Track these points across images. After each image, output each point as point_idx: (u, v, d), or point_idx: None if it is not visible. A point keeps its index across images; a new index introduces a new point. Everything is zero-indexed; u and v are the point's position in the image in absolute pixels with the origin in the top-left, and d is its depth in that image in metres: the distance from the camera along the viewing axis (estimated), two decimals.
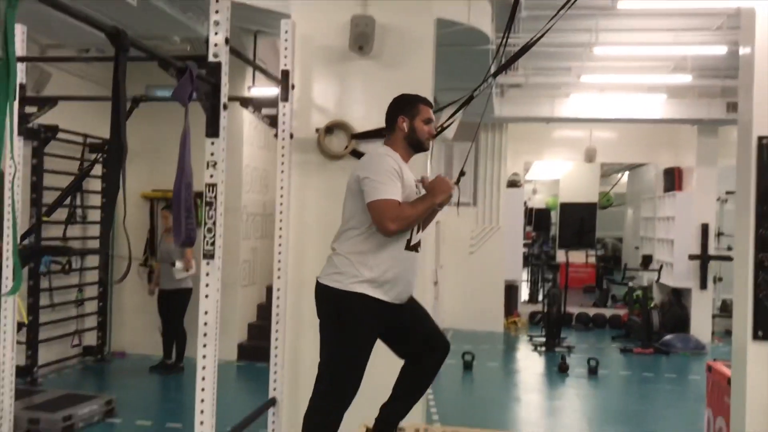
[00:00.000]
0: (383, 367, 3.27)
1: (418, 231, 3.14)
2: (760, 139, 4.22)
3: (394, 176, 2.99)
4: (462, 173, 5.30)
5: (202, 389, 3.52)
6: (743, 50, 4.49)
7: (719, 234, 11.42)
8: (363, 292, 2.98)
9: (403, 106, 3.21)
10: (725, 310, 11.79)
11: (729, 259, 8.93)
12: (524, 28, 7.31)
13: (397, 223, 2.92)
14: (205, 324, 3.54)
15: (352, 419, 3.61)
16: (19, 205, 5.19)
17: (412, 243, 3.09)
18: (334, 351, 3.05)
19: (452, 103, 4.85)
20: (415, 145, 3.18)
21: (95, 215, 7.86)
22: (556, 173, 16.06)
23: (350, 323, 3.01)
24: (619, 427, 6.03)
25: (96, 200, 7.87)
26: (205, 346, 3.54)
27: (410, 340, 3.22)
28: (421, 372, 3.21)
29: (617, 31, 7.74)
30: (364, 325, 3.02)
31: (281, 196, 4.85)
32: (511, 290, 11.60)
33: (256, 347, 8.01)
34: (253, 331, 8.53)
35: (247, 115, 8.16)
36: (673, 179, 11.26)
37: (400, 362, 3.29)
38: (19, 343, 5.51)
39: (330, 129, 4.89)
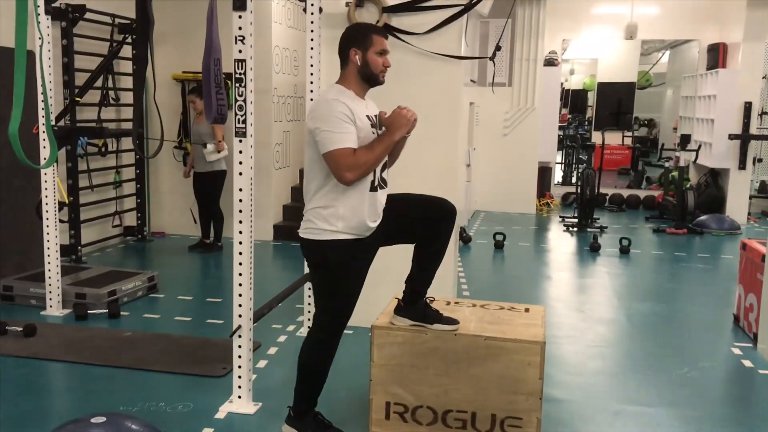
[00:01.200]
0: (410, 246, 3.30)
1: (380, 170, 3.10)
2: None
3: (346, 121, 2.90)
4: (498, 48, 5.17)
5: (240, 263, 3.62)
6: None
7: (762, 113, 11.07)
8: (341, 239, 3.03)
9: (355, 37, 3.05)
10: (763, 191, 11.63)
11: None
12: None
13: (353, 171, 2.89)
14: (240, 201, 3.59)
15: (383, 299, 3.70)
16: (52, 86, 5.19)
17: (375, 183, 3.07)
18: (329, 295, 3.16)
19: None
20: (368, 79, 3.05)
21: (128, 97, 7.86)
22: (594, 52, 15.51)
23: (338, 268, 3.08)
24: (649, 303, 6.10)
25: (128, 82, 7.84)
26: (240, 222, 3.60)
27: (410, 229, 3.25)
28: (435, 240, 3.24)
29: None
30: (352, 267, 3.11)
31: (311, 74, 4.77)
32: (545, 172, 11.51)
33: (291, 227, 8.15)
34: (287, 213, 8.67)
35: None
36: (717, 56, 10.81)
37: None
38: (61, 221, 5.68)
39: (361, 2, 4.75)
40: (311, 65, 4.77)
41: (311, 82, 4.78)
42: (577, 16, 11.52)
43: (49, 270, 5.36)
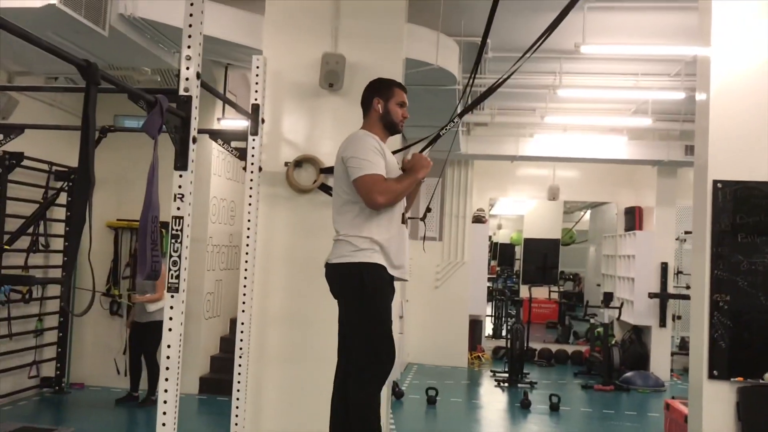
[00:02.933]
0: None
1: (407, 209, 3.33)
2: (715, 182, 4.39)
3: (377, 153, 3.13)
4: (428, 209, 5.38)
5: (163, 424, 3.48)
6: (699, 96, 4.68)
7: (678, 273, 11.66)
8: (379, 263, 3.09)
9: (379, 88, 3.37)
10: (684, 347, 11.98)
11: (687, 297, 9.13)
12: (490, 69, 7.51)
13: (384, 196, 3.05)
14: (168, 357, 3.52)
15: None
16: None
17: (404, 219, 3.26)
18: (366, 323, 3.10)
19: (420, 141, 4.93)
20: (389, 127, 3.34)
21: (58, 244, 7.75)
22: (520, 209, 16.28)
23: (374, 291, 3.09)
24: None
25: (60, 228, 7.77)
26: (167, 380, 3.51)
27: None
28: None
29: (580, 75, 7.98)
30: (385, 293, 3.14)
31: (248, 228, 4.86)
32: (476, 325, 11.66)
33: (218, 380, 7.91)
34: (215, 364, 8.43)
35: (215, 146, 8.18)
36: (633, 218, 11.50)
37: None
38: None
39: (299, 163, 4.95)
40: (248, 219, 4.87)
41: (248, 236, 4.86)
42: (503, 178, 12.19)
43: None
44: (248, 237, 4.87)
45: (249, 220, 4.87)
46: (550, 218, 15.72)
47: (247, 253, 4.85)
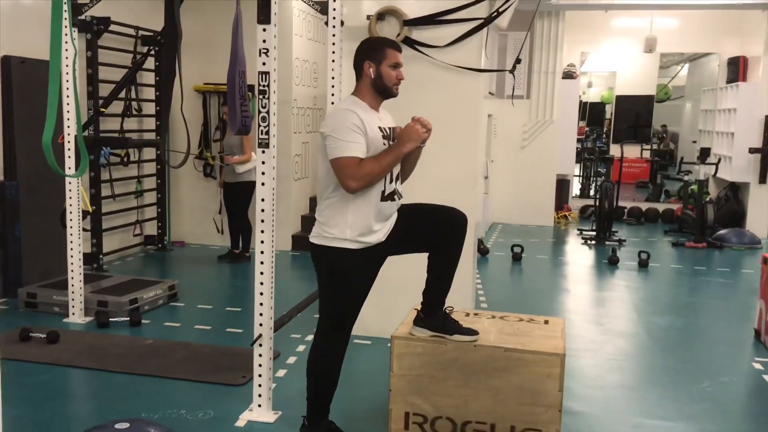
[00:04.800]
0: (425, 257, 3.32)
1: (393, 181, 3.14)
2: None
3: (356, 131, 2.95)
4: (518, 61, 5.19)
5: (261, 272, 3.66)
6: None
7: None
8: (348, 248, 3.06)
9: (369, 50, 3.12)
10: None
11: None
12: None
13: (357, 181, 2.94)
14: (262, 211, 3.63)
15: (401, 310, 3.73)
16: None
17: (387, 193, 3.10)
18: (332, 301, 3.19)
19: None
20: (382, 92, 3.11)
21: (150, 108, 7.98)
22: (613, 65, 15.49)
23: (342, 276, 3.12)
24: (668, 317, 6.07)
25: (150, 93, 7.96)
26: (262, 232, 3.64)
27: (422, 238, 3.27)
28: (447, 253, 3.26)
29: None
30: (356, 276, 3.14)
31: (332, 86, 4.82)
32: (563, 185, 11.49)
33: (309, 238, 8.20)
34: (306, 223, 8.72)
35: (295, 5, 8.03)
36: (737, 69, 10.76)
37: None
38: (84, 230, 5.76)
39: (381, 16, 4.80)
40: (332, 77, 4.82)
41: (332, 95, 4.83)
42: (596, 29, 11.54)
43: (72, 278, 5.44)
44: (333, 95, 4.84)
45: (333, 78, 4.82)
46: (644, 73, 14.91)
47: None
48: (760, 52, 10.22)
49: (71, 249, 5.40)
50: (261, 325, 3.68)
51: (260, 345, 3.69)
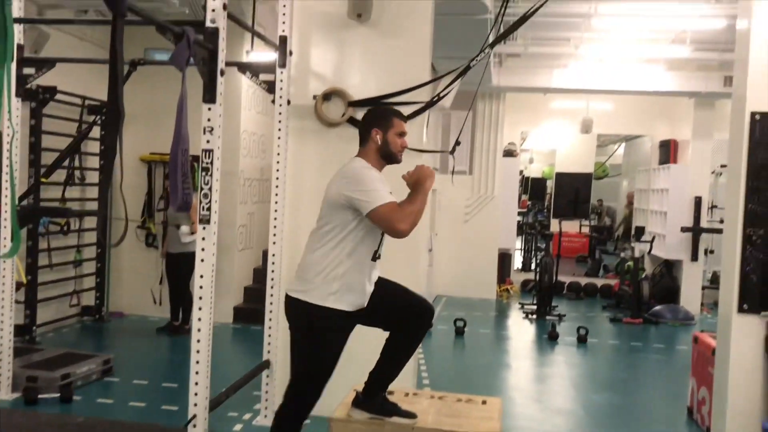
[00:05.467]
0: (373, 334, 3.35)
1: (382, 241, 3.25)
2: (753, 114, 4.28)
3: (382, 182, 3.10)
4: (457, 143, 5.36)
5: (197, 351, 3.61)
6: (740, 24, 4.52)
7: (712, 207, 11.49)
8: (331, 306, 3.10)
9: (378, 119, 3.28)
10: (715, 282, 11.92)
11: (720, 231, 9.00)
12: None
13: (406, 222, 3.02)
14: (201, 287, 3.62)
15: (342, 386, 3.71)
16: (18, 166, 5.22)
17: (378, 253, 3.22)
18: (306, 359, 3.19)
19: (450, 72, 4.87)
20: (387, 158, 3.27)
21: (93, 177, 7.90)
22: (552, 143, 16.06)
23: (321, 334, 3.14)
24: (605, 394, 6.17)
25: (94, 162, 7.90)
26: (200, 309, 3.62)
27: (392, 316, 3.33)
28: (407, 339, 3.33)
29: (617, 2, 7.70)
30: (334, 335, 3.17)
31: (278, 162, 4.90)
32: (505, 258, 11.71)
33: (251, 310, 8.12)
34: (249, 294, 8.63)
35: (245, 80, 8.15)
36: (668, 151, 11.30)
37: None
38: (17, 302, 5.60)
39: (327, 96, 4.93)
40: (278, 153, 4.90)
41: (278, 170, 4.89)
42: (536, 110, 12.00)
43: (1, 352, 5.24)
44: (278, 170, 4.90)
45: (278, 154, 4.89)
46: (582, 152, 15.47)
47: (277, 186, 4.89)
48: (688, 137, 10.77)
49: (1, 321, 5.22)
50: (196, 405, 3.61)
51: (194, 425, 3.61)
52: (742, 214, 4.28)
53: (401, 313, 3.31)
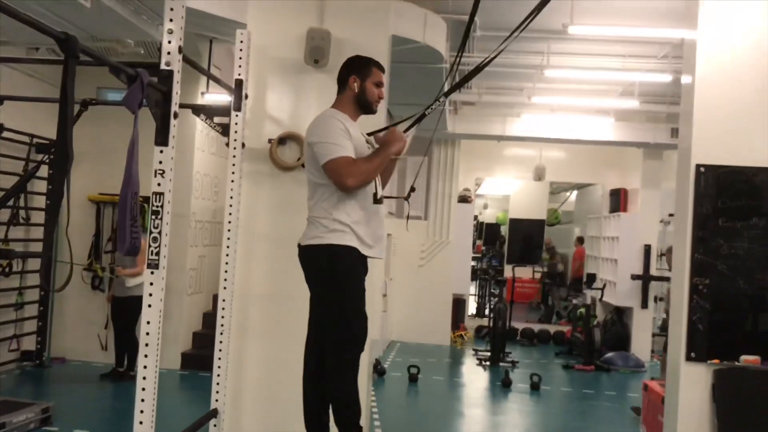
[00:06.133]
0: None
1: (383, 186, 3.30)
2: (698, 166, 4.39)
3: (344, 135, 3.10)
4: (412, 189, 5.35)
5: (142, 400, 3.47)
6: (685, 79, 4.67)
7: (661, 255, 11.75)
8: (350, 245, 3.08)
9: (357, 66, 3.32)
10: (665, 329, 12.10)
11: (668, 279, 9.21)
12: (478, 47, 7.45)
13: (354, 178, 3.03)
14: (147, 334, 3.50)
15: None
16: None
17: (378, 196, 3.22)
18: (342, 303, 3.11)
19: (406, 119, 4.89)
20: (363, 106, 3.31)
21: (39, 217, 7.68)
22: (506, 189, 16.32)
23: (345, 273, 3.10)
24: None
25: (40, 202, 7.69)
26: (146, 356, 3.49)
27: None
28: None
29: (568, 55, 7.94)
30: (357, 273, 3.14)
31: (230, 205, 4.82)
32: (459, 304, 11.72)
33: (200, 356, 7.91)
34: (197, 340, 8.42)
35: (199, 121, 8.10)
36: (618, 200, 11.56)
37: None
38: None
39: (283, 140, 4.90)
40: (231, 196, 4.83)
41: (230, 213, 4.82)
42: (490, 157, 12.20)
43: None
44: (230, 213, 4.82)
45: (231, 197, 4.82)
46: (535, 198, 15.78)
47: (229, 230, 4.81)
48: (637, 186, 11.05)
49: None
50: None
51: None
52: (688, 263, 4.36)
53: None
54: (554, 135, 10.19)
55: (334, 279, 3.10)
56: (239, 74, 4.78)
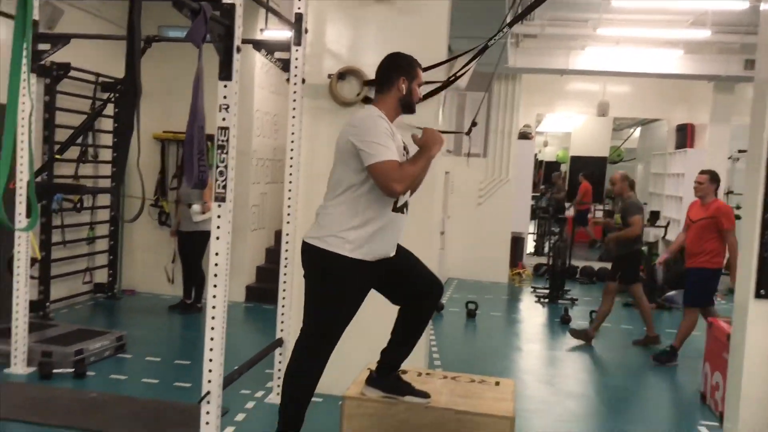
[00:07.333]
0: (386, 312, 3.34)
1: (412, 192, 3.22)
2: None
3: (389, 137, 3.04)
4: (474, 123, 5.31)
5: (212, 328, 3.61)
6: (765, 6, 4.43)
7: (729, 192, 11.38)
8: (347, 255, 3.05)
9: (404, 67, 3.24)
10: (729, 268, 11.82)
11: (737, 217, 8.93)
12: None
13: (401, 183, 2.98)
14: (216, 265, 3.61)
15: (355, 364, 3.71)
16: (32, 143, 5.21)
17: (399, 204, 3.16)
18: (319, 310, 3.16)
19: (466, 52, 4.81)
20: (406, 107, 3.25)
21: (107, 154, 7.91)
22: (567, 126, 15.96)
23: (334, 284, 3.10)
24: (618, 378, 6.15)
25: (107, 139, 7.90)
26: (215, 286, 3.61)
27: (402, 287, 3.31)
28: (417, 316, 3.30)
29: None
30: (349, 286, 3.12)
31: (292, 141, 4.87)
32: (517, 242, 11.66)
33: (263, 289, 8.15)
34: (261, 274, 8.65)
35: (258, 59, 8.11)
36: (685, 136, 11.18)
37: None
38: (31, 278, 5.63)
39: (342, 75, 4.88)
40: (292, 132, 4.87)
41: (291, 149, 4.87)
42: (552, 92, 11.89)
43: (17, 327, 5.27)
44: (292, 150, 4.88)
45: (293, 133, 4.87)
46: (598, 135, 15.40)
47: (291, 167, 4.87)
48: (706, 121, 10.65)
49: (17, 297, 5.26)
50: (210, 381, 3.62)
51: (208, 402, 3.62)
52: (761, 199, 4.22)
53: (412, 288, 3.28)
54: (619, 68, 9.84)
55: (323, 285, 3.13)
56: (299, 8, 4.76)
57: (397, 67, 3.23)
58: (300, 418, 3.23)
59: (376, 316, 3.34)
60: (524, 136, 11.45)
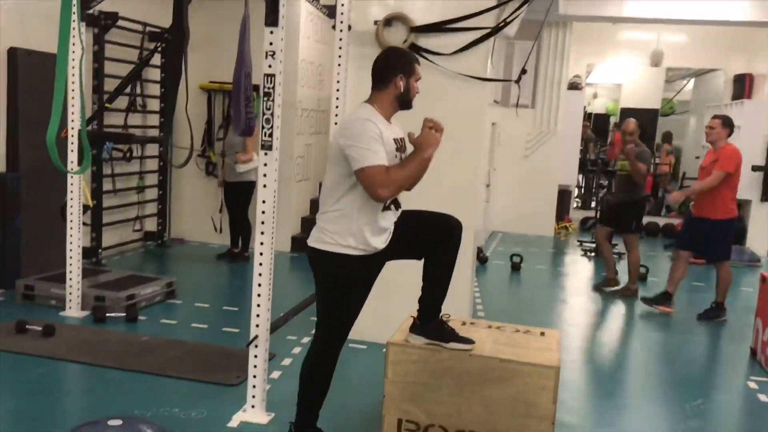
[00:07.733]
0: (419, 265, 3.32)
1: (409, 188, 3.15)
2: None
3: (378, 141, 2.95)
4: (524, 71, 5.19)
5: (259, 274, 3.65)
6: None
7: None
8: (351, 254, 3.05)
9: (402, 64, 3.12)
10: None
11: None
12: None
13: (388, 188, 2.94)
14: (263, 213, 3.63)
15: (398, 314, 3.73)
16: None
17: (387, 203, 3.10)
18: (332, 308, 3.16)
19: None
20: (404, 104, 3.15)
21: (155, 104, 7.99)
22: (618, 77, 15.50)
23: (345, 282, 3.10)
24: (665, 333, 6.07)
25: (155, 89, 7.97)
26: (262, 233, 3.64)
27: (417, 244, 3.26)
28: (442, 259, 3.25)
29: None
30: (358, 282, 3.13)
31: (337, 90, 4.83)
32: (564, 195, 11.50)
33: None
34: (306, 225, 8.72)
35: (303, 6, 8.03)
36: (743, 86, 10.78)
37: None
38: (84, 225, 5.77)
39: (389, 21, 4.80)
40: (338, 81, 4.83)
41: (337, 98, 4.84)
42: (603, 41, 11.55)
43: (71, 272, 5.44)
44: (337, 99, 4.84)
45: (338, 81, 4.83)
46: (649, 87, 14.91)
47: (336, 116, 4.84)
48: (766, 71, 10.23)
49: (71, 243, 5.41)
50: (257, 326, 3.68)
51: (256, 346, 3.69)
52: None
53: (427, 240, 3.24)
54: (676, 16, 9.44)
55: (333, 286, 3.12)
56: None
57: (394, 64, 3.13)
58: (317, 413, 3.30)
59: (417, 268, 3.32)
60: (574, 86, 11.18)
